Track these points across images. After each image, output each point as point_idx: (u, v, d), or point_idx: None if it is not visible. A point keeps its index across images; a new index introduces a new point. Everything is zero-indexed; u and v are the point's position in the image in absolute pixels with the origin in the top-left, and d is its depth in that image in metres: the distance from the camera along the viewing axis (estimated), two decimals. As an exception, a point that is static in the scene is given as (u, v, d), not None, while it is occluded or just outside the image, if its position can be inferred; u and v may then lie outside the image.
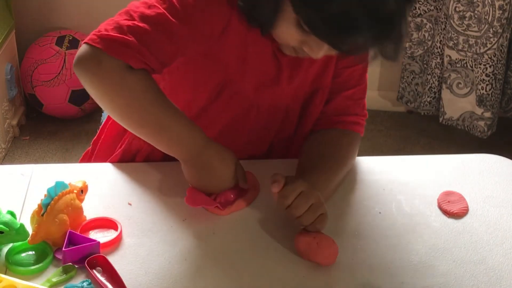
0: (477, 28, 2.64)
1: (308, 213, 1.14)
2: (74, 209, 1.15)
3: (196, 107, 1.31)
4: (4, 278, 1.02)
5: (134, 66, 1.14)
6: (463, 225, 1.23)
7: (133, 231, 1.17)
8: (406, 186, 1.32)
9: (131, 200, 1.25)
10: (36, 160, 2.66)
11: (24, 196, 1.24)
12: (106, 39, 1.13)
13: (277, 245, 1.16)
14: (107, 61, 1.13)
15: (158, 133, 1.21)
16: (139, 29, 1.15)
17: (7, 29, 2.65)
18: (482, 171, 1.38)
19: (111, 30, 1.14)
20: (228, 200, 1.23)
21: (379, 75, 3.05)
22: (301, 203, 1.14)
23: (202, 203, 1.21)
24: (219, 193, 1.23)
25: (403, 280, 1.10)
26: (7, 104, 2.68)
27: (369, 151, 2.76)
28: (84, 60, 1.15)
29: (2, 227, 1.08)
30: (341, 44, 1.10)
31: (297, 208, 1.14)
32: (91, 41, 1.14)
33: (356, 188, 1.32)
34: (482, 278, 1.11)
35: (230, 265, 1.12)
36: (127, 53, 1.13)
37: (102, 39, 1.14)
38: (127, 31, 1.14)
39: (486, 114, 2.74)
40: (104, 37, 1.14)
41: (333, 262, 1.12)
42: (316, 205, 1.15)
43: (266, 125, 1.36)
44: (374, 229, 1.21)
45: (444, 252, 1.16)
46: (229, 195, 1.23)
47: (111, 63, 1.13)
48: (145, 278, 1.08)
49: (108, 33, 1.14)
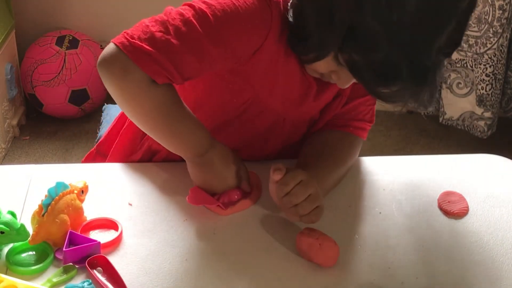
0: (477, 28, 2.64)
1: (306, 203, 1.15)
2: (75, 210, 1.15)
3: (219, 120, 1.31)
4: (4, 278, 1.02)
5: (159, 82, 1.14)
6: (463, 225, 1.23)
7: (134, 231, 1.17)
8: (406, 186, 1.32)
9: (131, 200, 1.25)
10: (36, 160, 2.66)
11: (24, 196, 1.24)
12: (138, 49, 1.11)
13: (278, 245, 1.16)
14: (134, 72, 1.12)
15: (169, 137, 1.23)
16: (171, 46, 1.12)
17: (7, 29, 2.65)
18: (482, 171, 1.38)
19: (144, 40, 1.12)
20: (232, 201, 1.23)
21: (379, 75, 3.04)
22: (300, 191, 1.15)
23: (204, 201, 1.21)
24: (222, 193, 1.23)
25: (403, 280, 1.10)
26: (7, 104, 2.68)
27: (369, 151, 2.76)
28: (111, 62, 1.14)
29: (3, 227, 1.08)
30: (377, 89, 1.11)
31: (295, 196, 1.15)
32: (122, 45, 1.12)
33: (356, 188, 1.32)
34: (482, 278, 1.11)
35: (230, 265, 1.12)
36: (155, 69, 1.12)
37: (133, 48, 1.12)
38: (159, 46, 1.12)
39: (486, 114, 2.74)
40: (137, 46, 1.11)
41: (334, 263, 1.12)
42: (314, 196, 1.16)
43: (288, 136, 1.36)
44: (374, 229, 1.21)
45: (444, 252, 1.16)
46: (233, 196, 1.23)
47: (137, 75, 1.12)
48: (145, 278, 1.08)
49: (141, 43, 1.12)
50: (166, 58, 1.12)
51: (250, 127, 1.32)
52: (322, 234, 1.13)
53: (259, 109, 1.28)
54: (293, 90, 1.27)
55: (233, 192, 1.24)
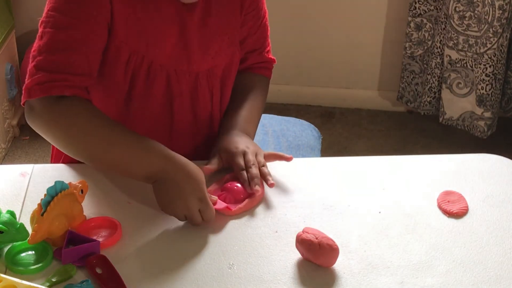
0: (477, 28, 2.64)
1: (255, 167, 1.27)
2: (74, 209, 1.15)
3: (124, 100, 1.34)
4: (4, 278, 1.02)
5: (59, 93, 1.20)
6: (463, 225, 1.23)
7: (133, 230, 1.17)
8: (406, 186, 1.32)
9: (131, 199, 1.25)
10: (36, 160, 2.66)
11: (24, 196, 1.24)
12: (27, 89, 1.21)
13: (277, 246, 1.16)
14: (36, 105, 1.21)
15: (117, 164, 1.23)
16: (43, 62, 1.21)
17: (7, 29, 2.65)
18: (482, 171, 1.38)
19: (28, 79, 1.22)
20: (237, 199, 1.24)
21: (379, 75, 3.05)
22: (251, 160, 1.27)
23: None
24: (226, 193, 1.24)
25: (403, 280, 1.10)
26: (7, 104, 2.68)
27: (369, 151, 2.76)
28: (27, 116, 1.24)
29: (2, 226, 1.08)
30: None
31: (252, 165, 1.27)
32: (26, 96, 1.22)
33: (356, 188, 1.32)
34: (482, 278, 1.11)
35: (230, 265, 1.12)
36: (44, 88, 1.20)
37: (25, 91, 1.22)
38: (36, 71, 1.21)
39: (486, 114, 2.74)
40: (26, 88, 1.21)
41: (334, 264, 1.12)
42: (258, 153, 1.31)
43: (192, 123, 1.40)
44: (374, 229, 1.21)
45: (444, 252, 1.16)
46: (238, 195, 1.24)
47: (38, 104, 1.21)
48: (145, 277, 1.08)
49: (26, 84, 1.22)
50: (46, 72, 1.20)
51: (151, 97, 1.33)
52: (321, 234, 1.12)
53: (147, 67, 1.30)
54: (171, 35, 1.30)
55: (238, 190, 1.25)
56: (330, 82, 3.07)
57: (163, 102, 1.35)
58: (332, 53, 3.02)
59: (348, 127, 2.95)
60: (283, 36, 2.91)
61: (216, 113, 1.43)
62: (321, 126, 2.86)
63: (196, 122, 1.40)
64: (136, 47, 1.28)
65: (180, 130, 1.38)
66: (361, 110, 3.06)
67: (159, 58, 1.31)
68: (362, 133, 2.91)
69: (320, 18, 2.95)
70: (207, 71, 1.37)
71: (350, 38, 2.99)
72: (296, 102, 3.09)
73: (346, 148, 2.80)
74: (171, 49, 1.31)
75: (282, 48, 2.81)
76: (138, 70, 1.30)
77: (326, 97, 3.08)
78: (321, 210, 1.25)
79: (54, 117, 1.21)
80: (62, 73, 1.20)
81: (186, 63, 1.34)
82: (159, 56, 1.31)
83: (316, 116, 3.02)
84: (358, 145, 2.83)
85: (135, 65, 1.30)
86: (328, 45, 3.00)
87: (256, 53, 1.48)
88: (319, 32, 2.98)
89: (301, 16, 2.96)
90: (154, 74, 1.31)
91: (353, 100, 3.07)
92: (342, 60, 3.03)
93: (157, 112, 1.35)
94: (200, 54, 1.34)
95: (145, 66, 1.30)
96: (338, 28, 2.97)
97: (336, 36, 2.99)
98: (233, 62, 1.41)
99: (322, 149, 1.88)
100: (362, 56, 3.02)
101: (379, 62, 3.03)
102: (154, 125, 1.36)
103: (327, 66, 3.04)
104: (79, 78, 1.22)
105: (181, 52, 1.32)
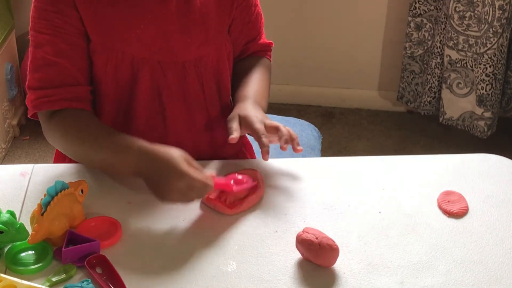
0: (477, 28, 2.64)
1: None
2: (74, 209, 1.15)
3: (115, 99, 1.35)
4: (4, 278, 1.02)
5: (49, 108, 1.28)
6: (463, 225, 1.23)
7: (133, 230, 1.17)
8: (406, 186, 1.32)
9: (131, 199, 1.25)
10: (36, 160, 2.66)
11: (24, 196, 1.24)
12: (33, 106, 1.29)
13: (277, 245, 1.16)
14: (40, 118, 1.32)
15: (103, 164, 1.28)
16: (30, 81, 1.29)
17: (7, 29, 2.65)
18: (482, 171, 1.38)
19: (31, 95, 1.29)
20: (243, 185, 1.24)
21: (379, 75, 3.05)
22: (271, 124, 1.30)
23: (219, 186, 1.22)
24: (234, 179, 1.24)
25: (403, 280, 1.10)
26: (7, 104, 2.68)
27: (369, 151, 2.76)
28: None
29: (2, 226, 1.08)
30: None
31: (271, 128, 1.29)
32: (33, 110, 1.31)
33: (356, 188, 1.32)
34: (482, 278, 1.11)
35: (230, 265, 1.12)
36: (35, 106, 1.28)
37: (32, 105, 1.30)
38: (28, 90, 1.29)
39: (486, 114, 2.74)
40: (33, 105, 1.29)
41: (334, 264, 1.12)
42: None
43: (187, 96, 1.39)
44: (374, 229, 1.21)
45: (444, 252, 1.16)
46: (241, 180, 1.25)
47: (40, 118, 1.31)
48: (145, 277, 1.08)
49: (26, 101, 1.31)
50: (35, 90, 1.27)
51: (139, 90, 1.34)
52: (321, 234, 1.12)
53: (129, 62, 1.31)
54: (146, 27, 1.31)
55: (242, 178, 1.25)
56: (330, 82, 3.07)
57: (151, 94, 1.35)
58: (332, 53, 3.02)
59: (348, 127, 2.95)
60: (283, 36, 2.91)
61: (212, 101, 1.42)
62: (321, 126, 2.86)
63: (190, 112, 1.39)
64: (110, 45, 1.30)
65: (175, 121, 1.38)
66: (361, 110, 3.06)
67: (140, 52, 1.32)
68: (362, 133, 2.91)
69: (320, 18, 2.95)
70: (194, 60, 1.36)
71: (350, 38, 2.99)
72: (296, 102, 3.09)
73: (346, 148, 2.80)
74: (150, 41, 1.32)
75: (282, 48, 2.82)
76: (120, 67, 1.31)
77: (326, 97, 3.08)
78: (321, 210, 1.25)
79: (50, 130, 1.30)
80: (45, 89, 1.27)
81: (169, 54, 1.34)
82: (140, 50, 1.31)
83: (316, 116, 3.02)
84: (358, 145, 2.83)
85: (117, 62, 1.31)
86: (328, 45, 3.01)
87: (255, 41, 1.50)
88: (319, 32, 2.98)
89: (301, 16, 2.96)
90: (137, 69, 1.32)
91: (353, 100, 3.07)
92: (342, 60, 3.03)
93: (148, 105, 1.36)
94: (183, 43, 1.34)
95: (127, 61, 1.31)
96: (338, 28, 2.97)
97: (336, 36, 2.99)
98: (224, 50, 1.41)
99: (322, 149, 1.88)
100: (362, 56, 3.02)
101: (379, 62, 3.03)
102: (148, 119, 1.36)
103: (327, 66, 3.04)
104: (63, 89, 1.27)
105: (162, 43, 1.33)
